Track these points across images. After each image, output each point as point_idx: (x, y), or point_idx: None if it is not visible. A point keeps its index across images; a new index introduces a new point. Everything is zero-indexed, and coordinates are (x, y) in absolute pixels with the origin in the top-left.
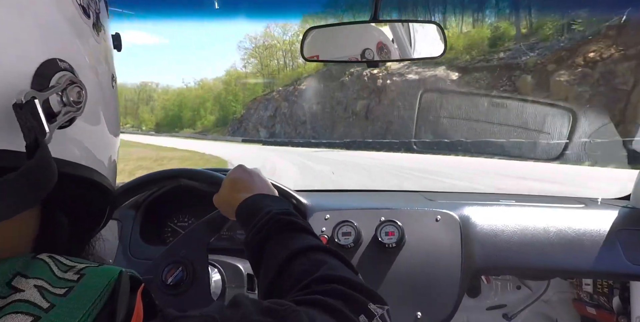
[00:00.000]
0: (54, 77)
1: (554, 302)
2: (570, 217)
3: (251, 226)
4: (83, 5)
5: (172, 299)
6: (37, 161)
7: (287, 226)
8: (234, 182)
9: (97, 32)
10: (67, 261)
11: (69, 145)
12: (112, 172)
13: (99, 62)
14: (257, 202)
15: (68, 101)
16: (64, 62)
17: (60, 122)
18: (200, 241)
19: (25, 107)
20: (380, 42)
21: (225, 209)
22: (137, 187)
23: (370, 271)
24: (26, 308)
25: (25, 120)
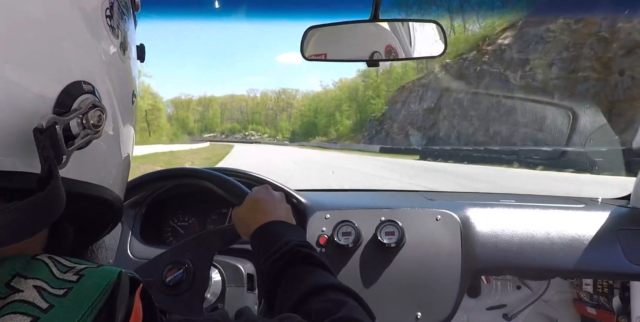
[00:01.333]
0: (77, 100)
1: (554, 302)
2: (571, 217)
3: (269, 253)
4: (113, 26)
5: (167, 298)
6: (48, 193)
7: (306, 259)
8: (256, 202)
9: (124, 51)
10: (66, 262)
11: (82, 166)
12: (122, 187)
13: (121, 82)
14: (277, 229)
15: (88, 124)
16: (88, 84)
17: (78, 145)
18: (208, 248)
19: (46, 133)
20: (390, 46)
21: (241, 226)
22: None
23: (370, 271)
24: (25, 308)
25: (42, 147)
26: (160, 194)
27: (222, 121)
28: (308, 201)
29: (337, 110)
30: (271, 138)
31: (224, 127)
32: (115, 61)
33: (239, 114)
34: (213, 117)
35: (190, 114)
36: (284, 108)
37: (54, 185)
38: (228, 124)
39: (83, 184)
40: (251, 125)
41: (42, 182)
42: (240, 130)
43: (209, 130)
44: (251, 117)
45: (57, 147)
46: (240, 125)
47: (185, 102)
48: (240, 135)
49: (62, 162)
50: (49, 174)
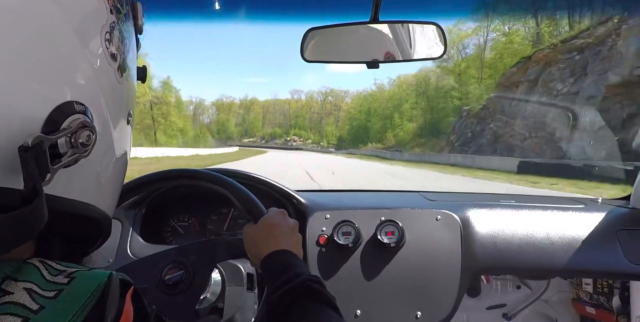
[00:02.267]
0: (67, 120)
1: (554, 302)
2: (571, 217)
3: (278, 283)
4: (111, 49)
5: (162, 296)
6: (31, 209)
7: (317, 296)
8: (271, 226)
9: (122, 73)
10: (57, 266)
11: (69, 183)
12: (111, 204)
13: (116, 103)
14: (288, 259)
15: (76, 143)
16: (80, 104)
17: (65, 163)
18: (213, 256)
19: (31, 151)
20: (389, 53)
21: (250, 247)
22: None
23: (370, 271)
24: (15, 310)
25: (27, 166)
26: (160, 194)
27: (264, 125)
28: (308, 201)
29: (395, 111)
30: (315, 144)
31: (264, 132)
32: (111, 83)
33: (281, 118)
34: (254, 121)
35: (231, 117)
36: (331, 111)
37: (36, 202)
38: (269, 129)
39: (68, 201)
40: (294, 130)
41: (26, 198)
42: (281, 136)
43: (249, 135)
44: (294, 122)
45: (42, 165)
46: (282, 130)
47: (227, 104)
48: (281, 141)
49: (46, 180)
50: (33, 191)
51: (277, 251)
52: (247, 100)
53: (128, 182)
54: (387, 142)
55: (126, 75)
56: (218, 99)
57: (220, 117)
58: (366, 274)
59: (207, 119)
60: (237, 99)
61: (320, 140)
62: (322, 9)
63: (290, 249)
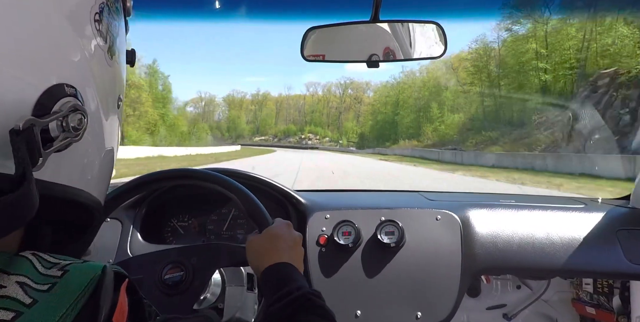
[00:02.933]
0: (58, 103)
1: (554, 302)
2: (571, 217)
3: (279, 295)
4: (101, 30)
5: (160, 295)
6: (19, 194)
7: (316, 310)
8: (275, 237)
9: (111, 56)
10: (51, 258)
11: (60, 168)
12: (102, 190)
13: (107, 86)
14: (289, 272)
15: (68, 127)
16: (70, 87)
17: (57, 147)
18: (215, 261)
19: (22, 135)
20: (387, 48)
21: (252, 258)
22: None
23: (370, 271)
24: (8, 304)
25: (18, 149)
26: (160, 194)
27: (277, 122)
28: (308, 201)
29: (432, 100)
30: (333, 143)
31: (277, 130)
32: (101, 65)
33: (296, 114)
34: (266, 117)
35: (242, 113)
36: (351, 105)
37: (26, 187)
38: (283, 126)
39: (59, 187)
40: (309, 126)
41: (15, 183)
42: (295, 133)
43: (261, 133)
44: (309, 118)
45: (33, 150)
46: (297, 127)
47: (238, 101)
48: (295, 139)
49: (38, 165)
50: (23, 176)
51: (279, 263)
52: (259, 95)
53: (130, 181)
54: (424, 139)
55: (116, 58)
56: (229, 94)
57: (231, 114)
58: (366, 274)
59: (218, 116)
60: (248, 95)
61: (339, 138)
62: (322, 8)
63: (292, 263)
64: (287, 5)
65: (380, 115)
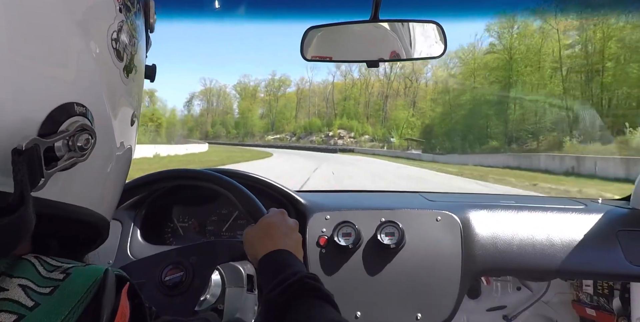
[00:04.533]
0: (66, 122)
1: (554, 304)
2: (571, 218)
3: (275, 282)
4: (118, 49)
5: (162, 297)
6: (15, 218)
7: (314, 293)
8: (270, 226)
9: (127, 73)
10: (53, 261)
11: (65, 187)
12: (109, 208)
13: (120, 104)
14: (285, 258)
15: (74, 147)
16: (81, 106)
17: (61, 167)
18: (214, 258)
19: (24, 155)
20: (387, 47)
21: (249, 248)
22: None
23: (370, 272)
24: (10, 307)
25: (18, 170)
26: (160, 195)
27: (297, 115)
28: (308, 201)
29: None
30: (376, 143)
31: (297, 125)
32: (116, 84)
33: (322, 104)
34: (284, 109)
35: (255, 105)
36: (403, 89)
37: (23, 211)
38: (306, 120)
39: (63, 206)
40: (339, 120)
41: (12, 206)
42: (321, 129)
43: (276, 130)
44: (341, 107)
45: (35, 170)
46: (323, 120)
47: (251, 89)
48: (319, 138)
49: (39, 185)
50: (20, 199)
51: (275, 250)
52: (274, 80)
53: (128, 182)
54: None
55: (132, 75)
56: (240, 81)
57: (241, 106)
58: (366, 275)
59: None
60: (264, 81)
61: (387, 135)
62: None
63: (289, 249)
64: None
65: (465, 96)
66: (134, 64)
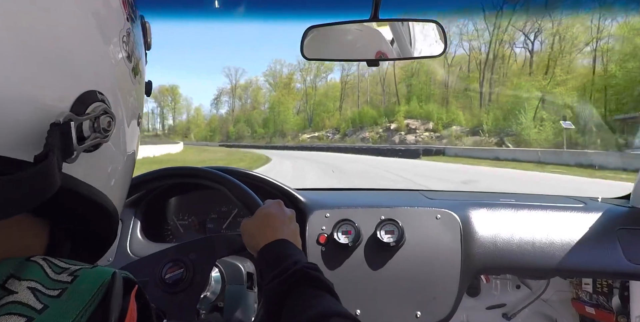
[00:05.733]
0: (91, 105)
1: (554, 302)
2: (570, 216)
3: (276, 272)
4: (128, 51)
5: (163, 295)
6: (37, 170)
7: (314, 282)
8: (267, 216)
9: (135, 75)
10: (61, 263)
11: (90, 169)
12: (122, 199)
13: (130, 101)
14: (285, 248)
15: (98, 128)
16: (102, 94)
17: (88, 145)
18: (212, 253)
19: (61, 127)
20: (387, 47)
21: (248, 240)
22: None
23: (370, 270)
24: (19, 309)
25: (51, 137)
26: (160, 193)
27: (341, 107)
28: (308, 199)
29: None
30: (484, 137)
31: (342, 119)
32: (127, 82)
33: (377, 89)
34: (325, 100)
35: (290, 98)
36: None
37: (45, 164)
38: (354, 109)
39: (86, 186)
40: (406, 105)
41: (36, 161)
42: (376, 121)
43: (314, 127)
44: (406, 89)
45: (69, 142)
46: (379, 109)
47: (285, 78)
48: (374, 134)
49: (72, 157)
50: (45, 156)
51: (274, 241)
52: (313, 65)
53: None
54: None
55: (138, 77)
56: (271, 68)
57: (271, 98)
58: (366, 273)
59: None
60: (300, 67)
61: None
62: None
63: (288, 238)
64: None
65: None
66: (140, 68)
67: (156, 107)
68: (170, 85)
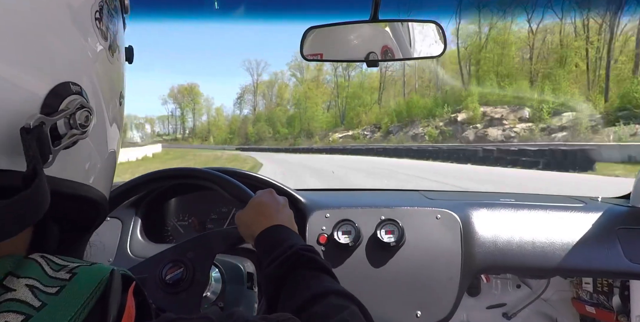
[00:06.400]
0: (65, 101)
1: (554, 301)
2: (570, 216)
3: (272, 258)
4: (102, 29)
5: (166, 296)
6: (33, 191)
7: (310, 264)
8: (260, 205)
9: (112, 53)
10: (59, 261)
11: (67, 165)
12: (107, 186)
13: (109, 83)
14: (280, 233)
15: (75, 125)
16: (76, 85)
17: (65, 144)
18: (210, 249)
19: (32, 132)
20: (386, 46)
21: (244, 230)
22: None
23: (370, 270)
24: (18, 307)
25: (29, 146)
26: (160, 194)
27: (381, 99)
28: (308, 200)
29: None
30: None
31: (382, 113)
32: (103, 63)
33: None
34: (360, 91)
35: (318, 92)
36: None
37: (38, 184)
38: (399, 100)
39: (67, 183)
40: (481, 86)
41: (27, 180)
42: (432, 114)
43: (347, 124)
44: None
45: (43, 147)
46: (435, 98)
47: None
48: (432, 128)
49: (48, 161)
50: (34, 172)
51: (270, 227)
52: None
53: (120, 185)
54: None
55: (116, 55)
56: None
57: (296, 93)
58: (366, 273)
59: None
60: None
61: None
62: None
63: (284, 224)
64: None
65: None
66: (117, 44)
67: (175, 108)
68: (189, 84)
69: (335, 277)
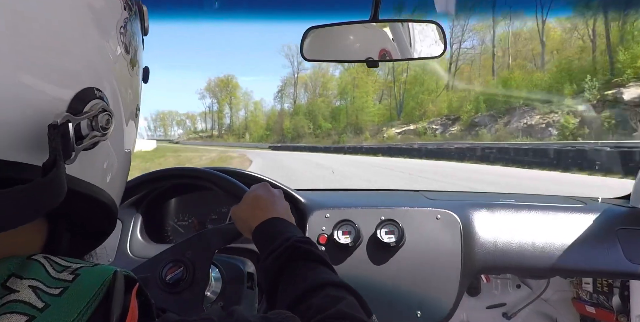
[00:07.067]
0: (89, 103)
1: (554, 301)
2: (571, 216)
3: (269, 250)
4: (125, 43)
5: (167, 296)
6: (49, 179)
7: (306, 255)
8: (256, 199)
9: (132, 67)
10: (62, 262)
11: (87, 166)
12: (119, 194)
13: (128, 94)
14: (277, 226)
15: (97, 126)
16: (99, 91)
17: (86, 145)
18: (208, 247)
19: (59, 129)
20: (385, 46)
21: (241, 224)
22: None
23: (370, 270)
24: (21, 308)
25: (53, 141)
26: (160, 194)
27: (450, 85)
28: (308, 200)
29: None
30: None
31: (452, 100)
32: (125, 74)
33: (519, 46)
34: (423, 75)
35: (371, 81)
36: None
37: (56, 173)
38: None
39: (84, 183)
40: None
41: (46, 169)
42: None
43: (405, 118)
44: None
45: (67, 143)
46: (553, 72)
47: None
48: (562, 114)
49: (70, 158)
50: (54, 163)
51: (266, 220)
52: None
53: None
54: None
55: (136, 69)
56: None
57: (341, 81)
58: (366, 273)
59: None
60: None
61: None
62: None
63: (281, 216)
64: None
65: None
66: (137, 60)
67: (212, 103)
68: (225, 75)
69: (332, 268)
